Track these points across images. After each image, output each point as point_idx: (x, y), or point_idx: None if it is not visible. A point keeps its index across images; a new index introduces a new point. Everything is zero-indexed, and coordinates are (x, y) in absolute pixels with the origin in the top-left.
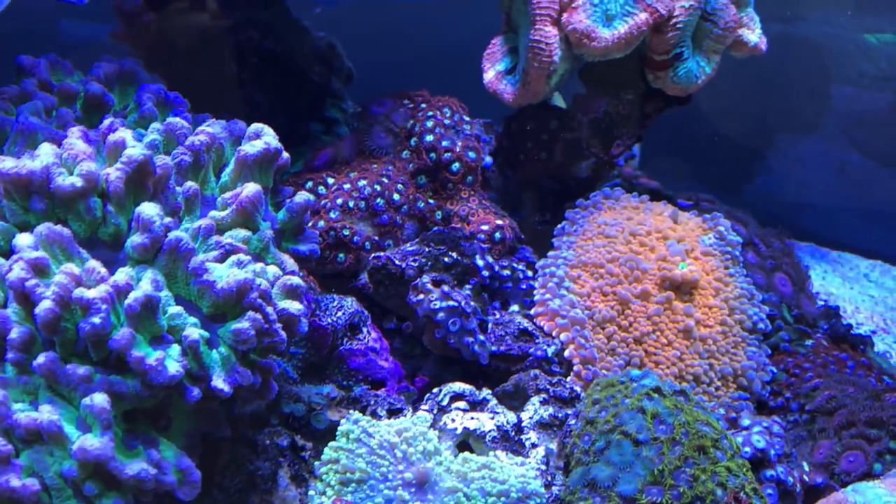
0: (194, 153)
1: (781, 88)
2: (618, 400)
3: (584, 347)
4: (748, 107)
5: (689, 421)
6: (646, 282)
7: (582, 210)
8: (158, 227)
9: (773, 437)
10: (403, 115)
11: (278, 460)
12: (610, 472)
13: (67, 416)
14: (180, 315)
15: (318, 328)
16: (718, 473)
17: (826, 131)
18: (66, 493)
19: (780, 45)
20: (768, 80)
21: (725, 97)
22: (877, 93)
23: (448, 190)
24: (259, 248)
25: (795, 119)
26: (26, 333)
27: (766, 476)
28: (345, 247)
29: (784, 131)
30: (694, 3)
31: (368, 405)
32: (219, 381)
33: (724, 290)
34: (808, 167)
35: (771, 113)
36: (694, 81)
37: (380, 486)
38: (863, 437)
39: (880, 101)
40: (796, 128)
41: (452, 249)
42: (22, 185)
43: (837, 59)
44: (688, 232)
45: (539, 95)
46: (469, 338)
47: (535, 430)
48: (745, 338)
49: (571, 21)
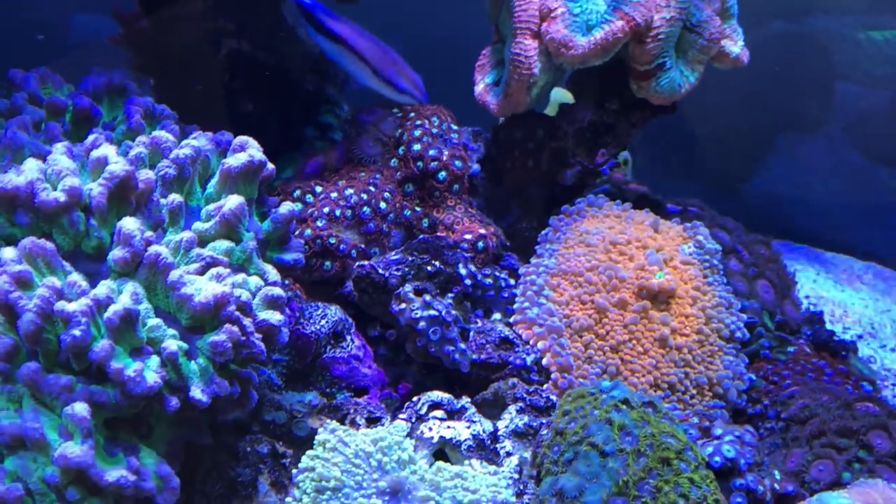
0: (179, 166)
1: (783, 87)
2: (587, 411)
3: (560, 356)
4: (747, 106)
5: (654, 433)
6: (623, 291)
7: (566, 217)
8: (139, 241)
9: (745, 447)
10: (392, 124)
11: (259, 467)
12: (577, 482)
13: (50, 424)
14: (159, 327)
15: (301, 336)
16: (681, 485)
17: (827, 131)
18: (49, 497)
19: (783, 43)
20: (770, 79)
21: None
22: (881, 91)
23: (435, 198)
24: (242, 259)
25: (796, 118)
26: (10, 344)
27: (735, 485)
28: (331, 255)
29: (784, 130)
30: (675, 14)
31: (348, 413)
32: (197, 392)
33: (702, 298)
34: (807, 167)
35: (771, 112)
36: (677, 91)
37: (354, 495)
38: (833, 447)
39: (884, 100)
40: (797, 127)
41: (436, 258)
42: (7, 200)
43: (841, 56)
44: (668, 241)
45: (521, 106)
46: (450, 346)
47: (510, 439)
48: (721, 346)
49: (549, 31)
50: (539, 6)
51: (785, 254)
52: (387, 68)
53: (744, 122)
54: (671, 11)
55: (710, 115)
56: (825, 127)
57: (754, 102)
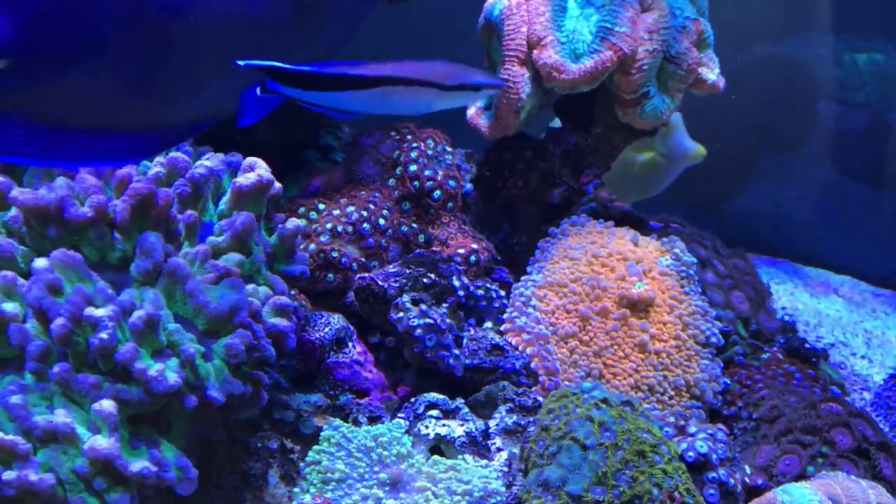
0: (194, 184)
1: (766, 108)
2: (570, 409)
3: (547, 360)
4: (731, 127)
5: (631, 429)
6: (605, 300)
7: (552, 238)
8: (159, 252)
9: (717, 443)
10: (390, 146)
11: (269, 461)
12: (560, 473)
13: (79, 419)
14: (178, 331)
15: (307, 342)
16: (655, 475)
17: (808, 150)
18: (78, 487)
19: (767, 65)
20: (753, 100)
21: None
22: (860, 111)
23: (430, 215)
24: (252, 270)
25: (778, 138)
26: (43, 346)
27: (708, 478)
28: (334, 268)
29: (767, 150)
30: (657, 47)
31: (351, 413)
32: (213, 391)
33: (679, 307)
34: (788, 185)
35: (754, 132)
36: (660, 117)
37: (357, 485)
38: (798, 443)
39: (863, 120)
40: (779, 147)
41: (431, 271)
42: (39, 215)
43: (824, 78)
44: (647, 254)
45: (510, 129)
46: (444, 352)
47: (500, 436)
48: (698, 351)
49: (542, 57)
50: (528, 36)
51: (765, 268)
52: (450, 75)
53: (727, 142)
54: (653, 44)
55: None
56: (806, 146)
57: (738, 123)
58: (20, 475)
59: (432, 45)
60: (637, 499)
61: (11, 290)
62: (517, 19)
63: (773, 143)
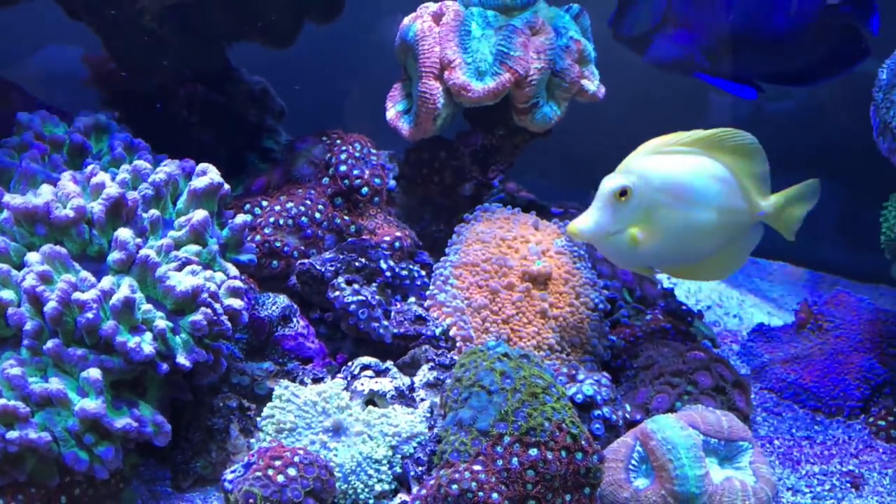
0: (156, 188)
1: (661, 101)
2: (478, 363)
3: (463, 328)
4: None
5: (526, 376)
6: (511, 276)
7: (466, 224)
8: (132, 246)
9: (601, 387)
10: (322, 150)
11: (230, 417)
12: (471, 413)
13: (70, 386)
14: (151, 311)
15: (257, 319)
16: (546, 411)
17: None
18: (70, 442)
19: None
20: (645, 96)
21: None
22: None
23: (359, 208)
24: (208, 259)
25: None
26: (38, 325)
27: (594, 415)
28: (277, 255)
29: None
30: (545, 65)
31: (298, 376)
32: (181, 359)
33: (572, 279)
34: None
35: (647, 124)
36: (549, 122)
37: (306, 433)
38: (668, 384)
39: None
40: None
41: (362, 256)
42: (29, 216)
43: None
44: (545, 236)
45: (428, 132)
46: (375, 323)
47: (423, 389)
48: (589, 315)
49: (451, 77)
50: (440, 56)
51: None
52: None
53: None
54: (541, 62)
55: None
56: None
57: (630, 117)
58: (21, 434)
59: (357, 62)
60: (532, 430)
61: (7, 280)
62: (430, 41)
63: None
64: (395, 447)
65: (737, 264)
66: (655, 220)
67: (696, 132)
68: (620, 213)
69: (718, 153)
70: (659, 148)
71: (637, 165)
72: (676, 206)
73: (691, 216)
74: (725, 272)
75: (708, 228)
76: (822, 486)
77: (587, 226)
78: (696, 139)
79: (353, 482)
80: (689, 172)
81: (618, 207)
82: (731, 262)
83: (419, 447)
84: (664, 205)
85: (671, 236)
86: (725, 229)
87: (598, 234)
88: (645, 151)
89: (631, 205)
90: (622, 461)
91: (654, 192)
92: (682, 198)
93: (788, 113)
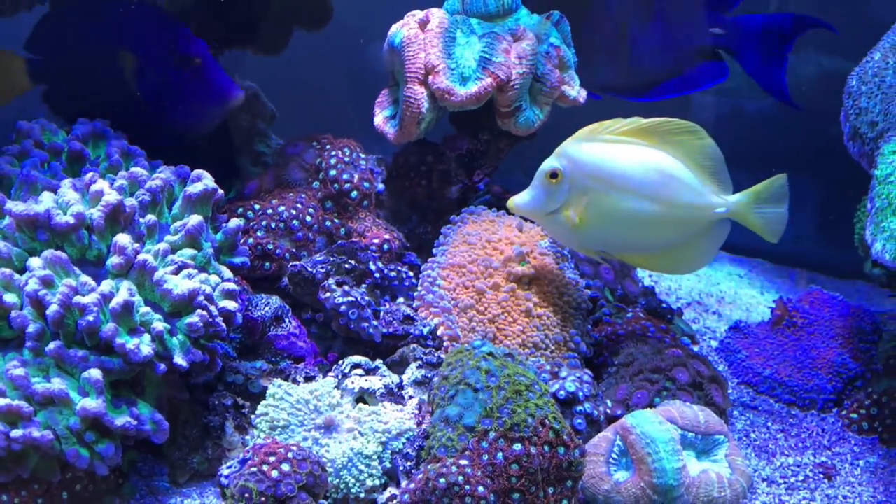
0: (152, 194)
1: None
2: (464, 361)
3: (450, 328)
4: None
5: (510, 374)
6: (496, 277)
7: (452, 225)
8: (130, 251)
9: (583, 384)
10: (312, 154)
11: (225, 415)
12: (458, 410)
13: (71, 386)
14: (149, 313)
15: (250, 319)
16: (529, 407)
17: None
18: (72, 440)
19: None
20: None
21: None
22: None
23: (349, 212)
24: (203, 262)
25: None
26: (40, 328)
27: (576, 410)
28: (269, 258)
29: None
30: (526, 70)
31: (290, 374)
32: (179, 359)
33: (556, 280)
34: None
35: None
36: (531, 125)
37: (298, 430)
38: (647, 381)
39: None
40: None
41: (351, 258)
42: (30, 222)
43: None
44: (529, 238)
45: (413, 136)
46: (365, 324)
47: (412, 387)
48: (572, 314)
49: (436, 82)
50: (425, 62)
51: None
52: None
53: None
54: (523, 68)
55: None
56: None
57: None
58: (25, 433)
59: (349, 67)
60: (516, 426)
61: (9, 284)
62: (416, 47)
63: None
64: (385, 443)
65: (702, 260)
66: (588, 205)
67: (636, 119)
68: (554, 194)
69: (670, 148)
70: (595, 132)
71: (571, 150)
72: (608, 192)
73: (626, 204)
74: (691, 266)
75: (651, 219)
76: (795, 477)
77: (523, 201)
78: (635, 128)
79: (344, 477)
80: (625, 161)
81: (551, 188)
82: (697, 257)
83: (408, 443)
84: (595, 189)
85: (607, 221)
86: (677, 223)
87: (534, 211)
88: (581, 136)
89: (562, 187)
90: (603, 455)
91: (584, 177)
92: (615, 185)
93: (768, 112)
